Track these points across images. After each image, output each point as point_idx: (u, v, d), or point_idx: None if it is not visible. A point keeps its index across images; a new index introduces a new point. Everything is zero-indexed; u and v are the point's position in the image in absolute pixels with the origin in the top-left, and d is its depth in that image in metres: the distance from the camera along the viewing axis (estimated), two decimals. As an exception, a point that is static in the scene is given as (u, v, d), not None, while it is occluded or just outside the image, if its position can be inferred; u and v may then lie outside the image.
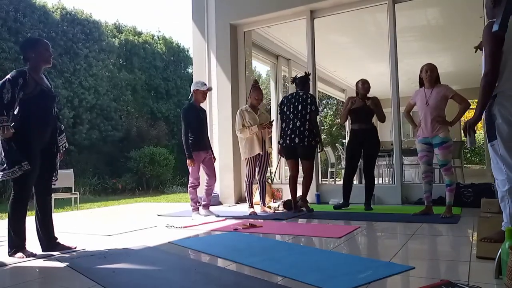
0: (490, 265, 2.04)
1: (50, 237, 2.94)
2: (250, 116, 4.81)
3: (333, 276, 2.06)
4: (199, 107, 4.79)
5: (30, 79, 2.77)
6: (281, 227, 3.86)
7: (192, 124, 4.66)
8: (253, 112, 4.85)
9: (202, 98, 4.78)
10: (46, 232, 2.93)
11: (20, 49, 3.01)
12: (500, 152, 2.45)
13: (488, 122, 2.51)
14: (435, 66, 4.05)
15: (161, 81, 13.78)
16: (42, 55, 2.86)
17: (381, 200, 5.38)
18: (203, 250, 2.83)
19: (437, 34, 7.51)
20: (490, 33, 2.45)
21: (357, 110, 4.82)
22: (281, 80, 8.27)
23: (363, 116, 4.81)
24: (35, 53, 2.83)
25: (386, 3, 5.51)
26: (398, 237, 3.22)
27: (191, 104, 4.78)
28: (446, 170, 3.96)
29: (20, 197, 2.74)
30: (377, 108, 4.78)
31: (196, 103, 4.77)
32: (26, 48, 2.89)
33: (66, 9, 11.57)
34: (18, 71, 2.77)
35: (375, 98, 4.87)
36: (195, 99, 4.75)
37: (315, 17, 6.00)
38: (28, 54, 2.85)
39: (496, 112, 2.45)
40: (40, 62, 2.87)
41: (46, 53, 2.89)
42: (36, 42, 2.97)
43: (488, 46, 2.49)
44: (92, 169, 10.92)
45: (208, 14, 6.63)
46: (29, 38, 3.31)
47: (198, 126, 4.70)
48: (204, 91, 4.76)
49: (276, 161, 7.08)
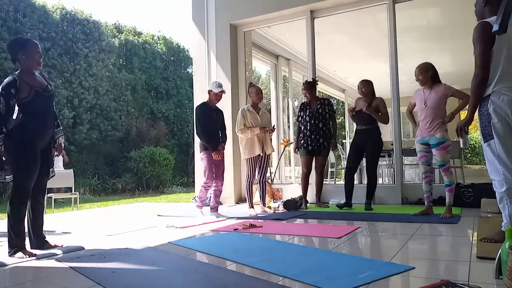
0: (490, 265, 2.04)
1: (39, 237, 2.96)
2: (252, 116, 4.82)
3: (333, 276, 2.06)
4: (214, 107, 4.66)
5: (22, 84, 2.71)
6: (281, 227, 3.86)
7: (202, 123, 4.53)
8: (255, 112, 4.85)
9: (214, 99, 4.62)
10: (36, 231, 2.94)
11: (7, 49, 2.88)
12: (497, 151, 2.45)
13: (484, 122, 2.51)
14: (429, 66, 4.01)
15: (161, 81, 13.79)
16: (32, 57, 2.79)
17: (381, 200, 5.38)
18: (203, 250, 2.83)
19: (437, 34, 7.51)
20: (481, 34, 2.47)
21: (360, 111, 4.85)
22: (281, 80, 8.27)
23: (365, 117, 4.82)
24: (25, 55, 2.76)
25: (386, 3, 5.51)
26: (398, 237, 3.21)
27: (205, 103, 4.66)
28: (445, 171, 3.96)
29: (20, 197, 2.73)
30: (376, 113, 4.75)
31: (211, 103, 4.65)
32: (15, 49, 2.80)
33: (66, 9, 11.58)
34: (8, 81, 2.68)
35: (378, 100, 4.85)
36: (209, 99, 4.64)
37: (315, 17, 6.00)
38: (17, 55, 2.77)
39: (492, 112, 2.46)
40: (31, 65, 2.80)
41: (36, 55, 2.81)
42: (25, 43, 2.85)
43: (478, 46, 2.50)
44: (92, 169, 10.93)
45: (208, 14, 6.63)
46: (18, 38, 3.18)
47: (209, 126, 4.55)
48: (217, 93, 4.58)
49: (276, 161, 7.09)
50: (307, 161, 5.20)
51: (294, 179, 8.10)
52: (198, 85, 6.72)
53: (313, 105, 5.17)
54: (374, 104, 4.78)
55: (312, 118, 5.10)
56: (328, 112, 5.15)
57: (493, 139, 2.46)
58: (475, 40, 2.53)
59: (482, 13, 2.68)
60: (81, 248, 2.97)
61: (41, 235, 2.98)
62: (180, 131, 14.01)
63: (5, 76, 2.78)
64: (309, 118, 5.12)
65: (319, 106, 5.15)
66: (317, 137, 5.09)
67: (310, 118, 5.11)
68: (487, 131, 2.49)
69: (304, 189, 5.25)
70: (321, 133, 5.10)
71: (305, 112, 5.17)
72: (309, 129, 5.10)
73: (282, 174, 7.64)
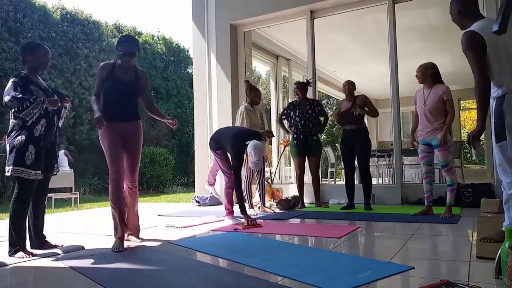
0: (490, 265, 2.04)
1: (40, 236, 2.98)
2: (253, 116, 4.95)
3: (333, 276, 2.06)
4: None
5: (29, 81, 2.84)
6: (281, 227, 3.86)
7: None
8: (255, 113, 4.99)
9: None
10: (37, 231, 2.96)
11: (20, 50, 3.05)
12: (508, 153, 2.37)
13: (497, 122, 2.41)
14: (429, 65, 4.00)
15: (161, 81, 13.79)
16: (40, 60, 2.93)
17: (381, 200, 5.38)
18: (203, 250, 2.83)
19: (437, 34, 7.51)
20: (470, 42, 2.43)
21: (346, 112, 4.90)
22: (281, 80, 8.27)
23: (352, 117, 4.86)
24: (32, 57, 2.90)
25: (386, 3, 5.51)
26: (398, 237, 3.22)
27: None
28: (447, 171, 3.95)
29: (23, 197, 2.74)
30: (363, 109, 4.86)
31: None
32: (26, 51, 2.94)
33: (66, 9, 11.58)
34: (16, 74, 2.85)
35: (362, 97, 4.96)
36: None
37: (315, 17, 6.00)
38: (26, 57, 2.91)
39: (507, 111, 2.35)
40: (37, 67, 2.94)
41: (43, 59, 2.95)
42: (35, 46, 3.01)
43: (471, 54, 2.45)
44: (92, 169, 10.93)
45: (208, 14, 6.64)
46: (31, 42, 3.32)
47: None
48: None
49: (276, 161, 7.09)
50: (299, 162, 5.24)
51: (294, 179, 8.10)
52: (198, 85, 6.72)
53: (302, 106, 5.20)
54: (360, 101, 4.87)
55: (302, 119, 5.15)
56: (318, 112, 5.22)
57: (505, 140, 2.36)
58: (466, 50, 2.49)
59: (461, 23, 2.68)
60: (81, 248, 2.97)
61: (42, 234, 3.00)
62: (180, 131, 14.01)
63: (5, 76, 2.81)
64: (299, 118, 5.16)
65: (309, 107, 5.19)
66: (308, 137, 5.14)
67: (300, 119, 5.15)
68: (500, 131, 2.39)
69: (300, 189, 5.27)
70: (311, 133, 5.15)
71: (295, 113, 5.20)
72: (300, 128, 5.14)
73: (282, 174, 7.64)
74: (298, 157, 5.22)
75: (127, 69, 3.19)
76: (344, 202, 5.13)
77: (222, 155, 4.18)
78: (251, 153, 3.82)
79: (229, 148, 4.02)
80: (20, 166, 2.70)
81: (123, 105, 3.17)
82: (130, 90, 3.19)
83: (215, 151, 4.19)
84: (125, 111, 3.20)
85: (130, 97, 3.21)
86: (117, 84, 3.12)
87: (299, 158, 5.22)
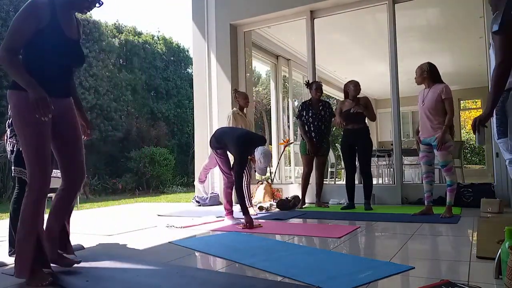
0: (490, 265, 2.04)
1: None
2: (242, 119, 5.07)
3: (333, 276, 2.06)
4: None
5: None
6: (281, 227, 3.86)
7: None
8: (244, 117, 5.13)
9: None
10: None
11: None
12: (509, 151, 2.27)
13: (500, 118, 2.29)
14: (424, 67, 4.02)
15: (161, 81, 13.78)
16: None
17: (381, 200, 5.38)
18: (203, 250, 2.83)
19: (437, 34, 7.52)
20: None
21: (348, 112, 4.90)
22: (281, 80, 8.27)
23: (354, 117, 4.87)
24: None
25: (386, 3, 5.52)
26: (398, 237, 3.22)
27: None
28: (447, 171, 3.95)
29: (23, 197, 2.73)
30: (367, 110, 4.88)
31: None
32: None
33: (66, 9, 11.56)
34: None
35: (365, 98, 4.98)
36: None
37: (315, 17, 6.01)
38: None
39: (510, 109, 2.23)
40: None
41: None
42: None
43: (500, 37, 2.24)
44: (92, 169, 10.92)
45: (208, 14, 6.64)
46: None
47: None
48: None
49: (276, 161, 7.09)
50: (308, 160, 5.25)
51: (294, 179, 8.11)
52: (198, 85, 6.72)
53: (315, 106, 5.21)
54: (363, 102, 4.90)
55: (315, 120, 5.18)
56: (329, 114, 5.26)
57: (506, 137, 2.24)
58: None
59: (496, 6, 2.51)
60: (81, 248, 2.97)
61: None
62: (180, 131, 14.00)
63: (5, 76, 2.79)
64: (312, 119, 5.18)
65: (321, 108, 5.21)
66: (319, 138, 5.17)
67: (313, 120, 5.18)
68: (502, 128, 2.27)
69: (304, 188, 5.29)
70: (322, 134, 5.20)
71: (307, 113, 5.20)
72: (313, 130, 5.18)
73: (282, 174, 7.65)
74: (307, 155, 5.23)
75: (71, 20, 2.25)
76: (344, 202, 5.14)
77: (222, 155, 4.17)
78: (260, 160, 3.82)
79: (232, 149, 4.01)
80: (20, 166, 2.70)
81: (64, 76, 2.25)
82: (76, 53, 2.26)
83: (216, 151, 4.19)
84: (65, 85, 2.28)
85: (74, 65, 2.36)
86: (63, 41, 2.15)
87: (308, 157, 5.24)
